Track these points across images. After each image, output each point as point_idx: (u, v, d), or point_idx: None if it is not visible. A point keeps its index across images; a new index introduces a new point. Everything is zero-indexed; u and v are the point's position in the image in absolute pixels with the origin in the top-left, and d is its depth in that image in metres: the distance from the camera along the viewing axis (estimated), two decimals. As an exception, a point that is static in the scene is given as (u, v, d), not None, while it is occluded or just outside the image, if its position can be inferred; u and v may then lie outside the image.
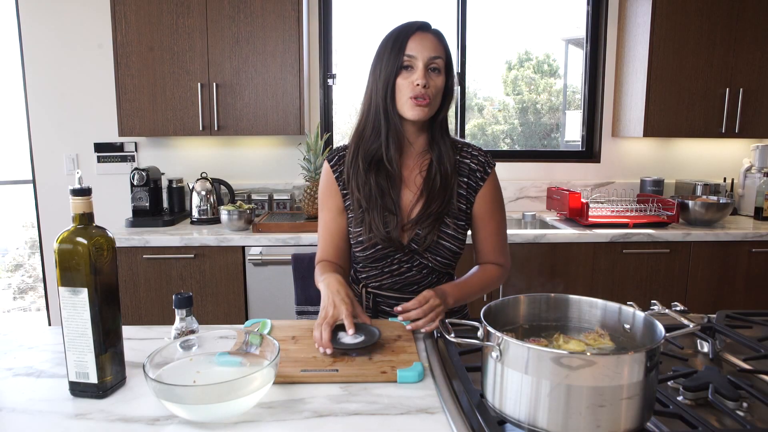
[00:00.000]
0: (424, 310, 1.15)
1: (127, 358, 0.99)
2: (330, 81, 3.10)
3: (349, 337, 1.10)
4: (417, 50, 1.23)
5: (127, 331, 1.20)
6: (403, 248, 1.31)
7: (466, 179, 1.35)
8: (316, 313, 1.47)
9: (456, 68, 3.11)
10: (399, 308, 1.18)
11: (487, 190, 1.35)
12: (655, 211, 2.80)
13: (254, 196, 3.01)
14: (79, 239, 0.89)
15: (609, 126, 3.21)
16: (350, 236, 1.36)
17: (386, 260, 1.33)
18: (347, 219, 1.37)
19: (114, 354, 0.94)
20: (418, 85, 1.22)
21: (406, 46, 1.23)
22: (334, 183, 1.36)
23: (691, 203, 2.72)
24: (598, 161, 3.24)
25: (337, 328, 1.14)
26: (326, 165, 1.37)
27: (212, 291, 2.53)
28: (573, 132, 3.43)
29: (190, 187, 2.82)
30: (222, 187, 2.96)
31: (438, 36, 1.27)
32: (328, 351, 1.05)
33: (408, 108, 1.24)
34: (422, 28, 1.26)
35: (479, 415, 0.80)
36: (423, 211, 1.30)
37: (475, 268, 1.39)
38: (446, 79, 1.27)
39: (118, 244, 2.44)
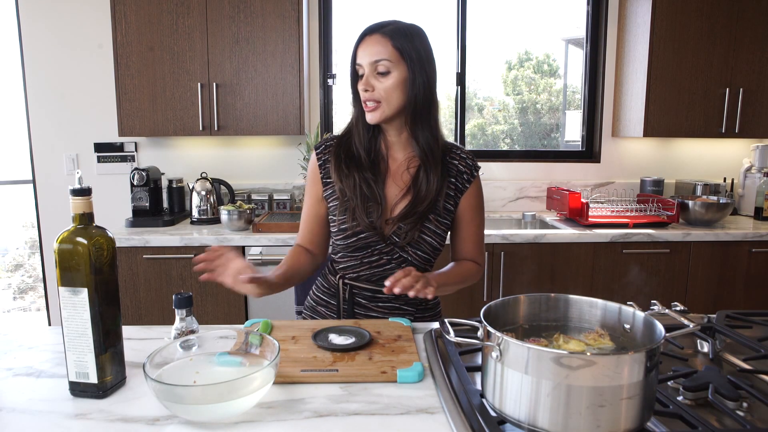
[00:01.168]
0: (411, 279, 1.11)
1: (127, 358, 0.99)
2: (330, 81, 3.10)
3: (340, 339, 1.11)
4: (362, 57, 1.27)
5: (127, 331, 1.20)
6: (384, 239, 1.32)
7: (454, 180, 1.37)
8: (317, 313, 1.48)
9: (456, 68, 3.14)
10: (388, 284, 1.11)
11: (472, 192, 1.39)
12: (655, 211, 2.80)
13: (254, 196, 3.02)
14: (79, 239, 0.89)
15: (609, 126, 3.21)
16: (332, 224, 1.37)
17: (367, 250, 1.34)
18: (327, 208, 1.39)
19: (114, 354, 0.94)
20: (363, 90, 1.27)
21: (356, 54, 1.29)
22: (317, 172, 1.40)
23: (691, 203, 2.72)
24: (598, 161, 3.24)
25: (328, 330, 1.16)
26: (313, 154, 1.43)
27: (212, 291, 2.53)
28: (573, 132, 3.43)
29: (190, 187, 2.82)
30: (222, 187, 2.96)
31: (386, 35, 1.25)
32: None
33: (365, 113, 1.30)
34: (369, 32, 1.28)
35: (479, 415, 0.80)
36: (409, 210, 1.32)
37: (452, 264, 1.41)
38: (406, 73, 1.26)
39: (118, 244, 2.44)
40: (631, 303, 0.89)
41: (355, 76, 1.31)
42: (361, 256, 1.35)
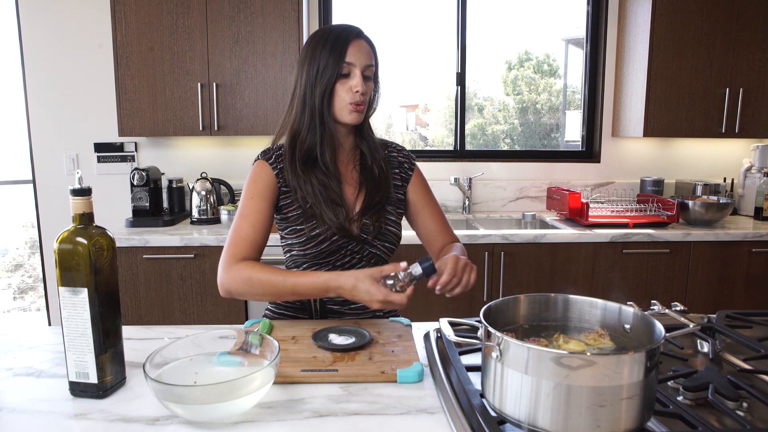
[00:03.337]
0: (458, 275, 1.16)
1: (127, 358, 0.99)
2: (330, 81, 3.10)
3: (340, 339, 1.12)
4: (355, 58, 1.27)
5: (127, 331, 1.20)
6: (355, 238, 1.33)
7: (397, 170, 1.44)
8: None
9: (456, 68, 3.15)
10: (438, 287, 1.15)
11: (417, 180, 1.46)
12: (655, 211, 2.80)
13: (254, 196, 3.01)
14: (79, 239, 0.89)
15: (609, 126, 3.21)
16: (299, 234, 1.32)
17: (340, 253, 1.33)
18: (285, 218, 1.35)
19: (114, 354, 0.94)
20: (357, 91, 1.27)
21: (346, 52, 1.27)
22: (274, 180, 1.32)
23: (691, 203, 2.72)
24: (598, 161, 3.24)
25: (328, 330, 1.16)
26: (263, 164, 1.33)
27: (212, 291, 2.53)
28: (573, 132, 3.44)
29: (190, 187, 2.82)
30: (222, 187, 2.96)
31: (370, 44, 1.33)
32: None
33: (346, 113, 1.29)
34: (358, 35, 1.30)
35: (479, 415, 0.80)
36: (367, 203, 1.34)
37: (447, 250, 1.38)
38: (374, 85, 1.35)
39: (118, 244, 2.44)
40: (631, 303, 0.89)
41: (336, 76, 1.27)
42: (333, 260, 1.33)
